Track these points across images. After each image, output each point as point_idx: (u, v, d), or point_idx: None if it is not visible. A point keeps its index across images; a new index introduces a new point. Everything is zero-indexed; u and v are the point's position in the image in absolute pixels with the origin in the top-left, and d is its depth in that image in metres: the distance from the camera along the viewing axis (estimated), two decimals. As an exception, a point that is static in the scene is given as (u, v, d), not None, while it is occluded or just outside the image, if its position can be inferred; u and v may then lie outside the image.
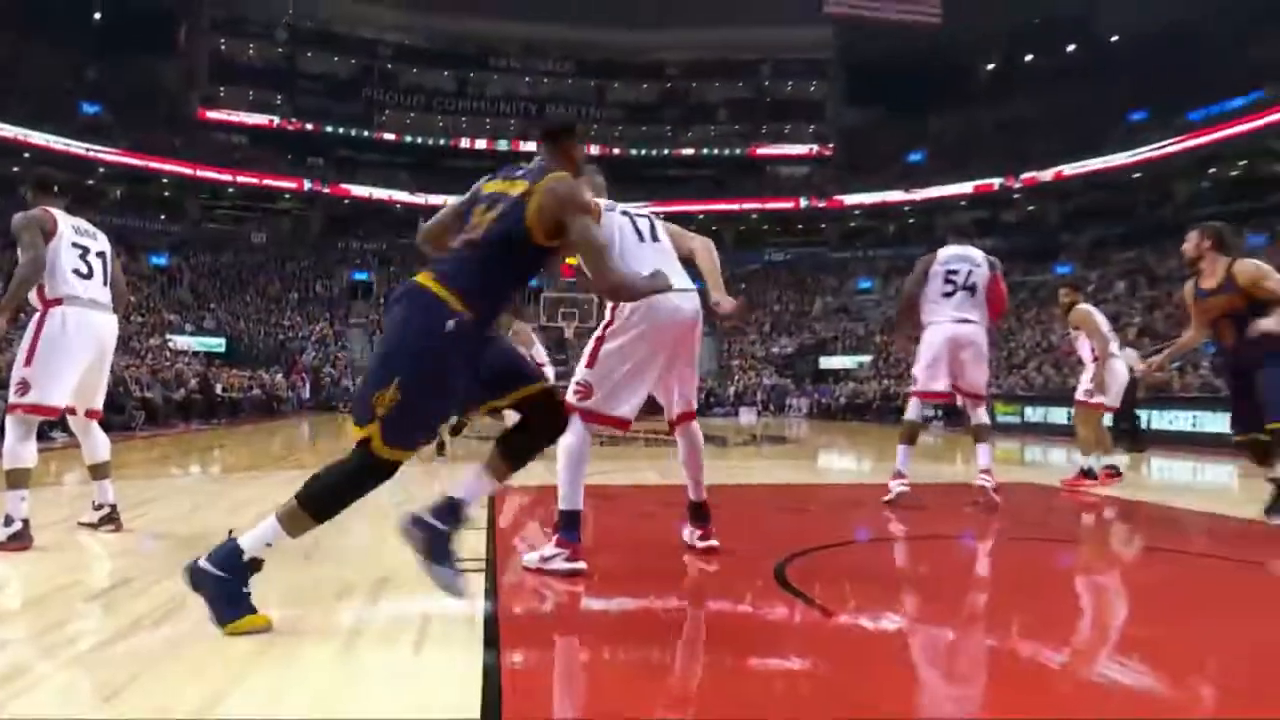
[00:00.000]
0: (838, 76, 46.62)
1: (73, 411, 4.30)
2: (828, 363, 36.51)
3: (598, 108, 47.83)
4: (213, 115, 42.71)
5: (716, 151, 46.72)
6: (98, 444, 4.41)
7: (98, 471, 4.37)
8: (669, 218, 3.95)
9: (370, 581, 3.33)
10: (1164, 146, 35.09)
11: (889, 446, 5.78)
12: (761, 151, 46.39)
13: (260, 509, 5.16)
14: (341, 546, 4.21)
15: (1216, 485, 8.37)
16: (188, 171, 39.62)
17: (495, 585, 3.33)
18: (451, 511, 2.65)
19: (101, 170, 37.66)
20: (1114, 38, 39.99)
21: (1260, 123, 32.34)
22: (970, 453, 5.60)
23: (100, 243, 4.38)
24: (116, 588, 3.21)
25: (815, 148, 46.45)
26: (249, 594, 2.54)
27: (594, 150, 46.24)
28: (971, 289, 5.42)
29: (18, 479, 3.91)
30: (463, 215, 2.85)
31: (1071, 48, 41.94)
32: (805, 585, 3.39)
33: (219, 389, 20.97)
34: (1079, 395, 7.22)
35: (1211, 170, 35.86)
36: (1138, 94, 37.34)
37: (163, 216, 40.20)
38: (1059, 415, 16.55)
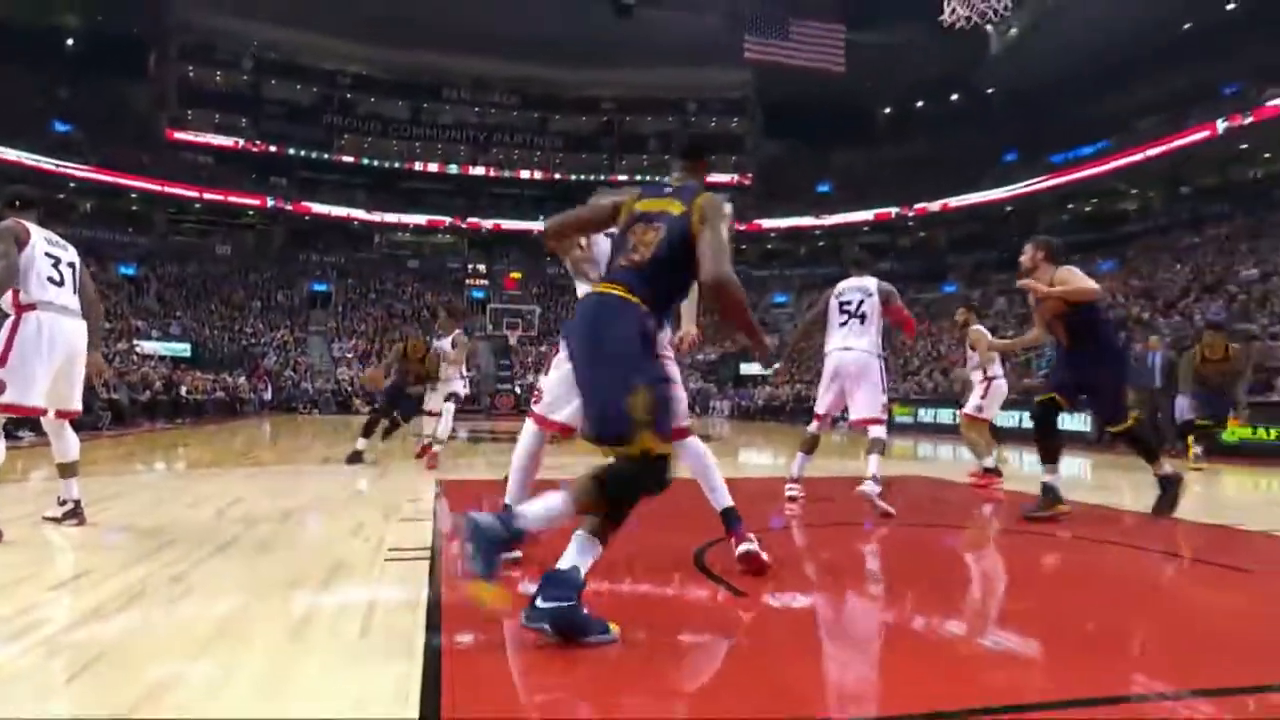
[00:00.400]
0: (755, 114, 47.22)
1: (44, 412, 4.11)
2: (747, 369, 36.77)
3: (540, 137, 47.62)
4: (180, 136, 41.26)
5: (649, 178, 46.74)
6: (68, 444, 4.24)
7: (66, 470, 4.21)
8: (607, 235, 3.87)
9: (322, 571, 3.24)
10: (1031, 184, 36.49)
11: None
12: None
13: (219, 503, 5.02)
14: (295, 539, 4.11)
15: (1069, 477, 8.62)
16: (155, 188, 38.21)
17: (438, 574, 3.26)
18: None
19: (72, 185, 36.11)
20: (990, 90, 41.28)
21: (1107, 167, 34.04)
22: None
23: (70, 254, 4.26)
24: (78, 578, 3.09)
25: (736, 177, 46.94)
26: (500, 563, 2.40)
27: (538, 175, 46.12)
28: (862, 317, 5.34)
29: None
30: (621, 231, 2.79)
31: (956, 97, 43.17)
32: (722, 569, 3.39)
33: (184, 391, 20.27)
34: (968, 410, 7.23)
35: (1070, 205, 37.36)
36: (1010, 139, 38.72)
37: (131, 229, 38.67)
38: (947, 416, 16.98)
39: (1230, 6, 31.65)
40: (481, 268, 43.75)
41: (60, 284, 4.09)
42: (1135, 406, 5.14)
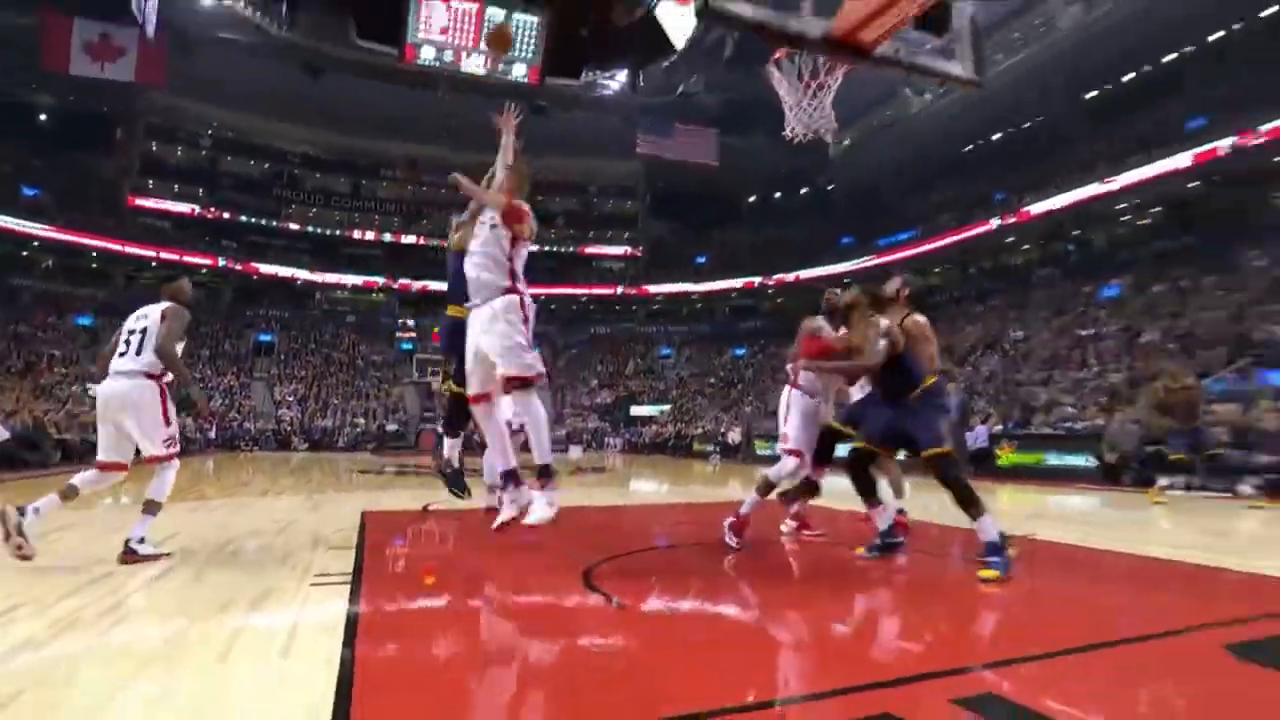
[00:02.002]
0: (646, 198, 48.29)
1: (119, 466, 4.16)
2: (637, 410, 37.14)
3: (463, 211, 47.09)
4: (141, 203, 38.96)
5: (557, 249, 47.01)
6: (154, 485, 4.19)
7: (144, 506, 4.17)
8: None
9: (251, 597, 3.16)
10: (863, 262, 38.27)
11: (681, 474, 5.79)
12: (589, 250, 47.20)
13: (161, 535, 4.81)
14: (228, 567, 3.96)
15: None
16: (116, 248, 35.97)
17: (359, 598, 3.18)
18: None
19: (35, 244, 33.63)
20: (831, 186, 43.59)
21: (918, 250, 36.17)
22: (747, 480, 5.44)
23: (143, 321, 4.21)
24: (15, 609, 2.87)
25: (629, 249, 47.74)
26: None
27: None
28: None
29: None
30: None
31: (805, 191, 45.38)
32: (606, 583, 3.41)
33: (135, 430, 18.91)
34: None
35: (892, 279, 39.55)
36: (847, 225, 40.82)
37: (91, 284, 36.13)
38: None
39: (996, 136, 34.76)
40: (411, 322, 42.67)
41: (123, 354, 4.09)
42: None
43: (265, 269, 40.48)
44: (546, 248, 47.05)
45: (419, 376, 33.87)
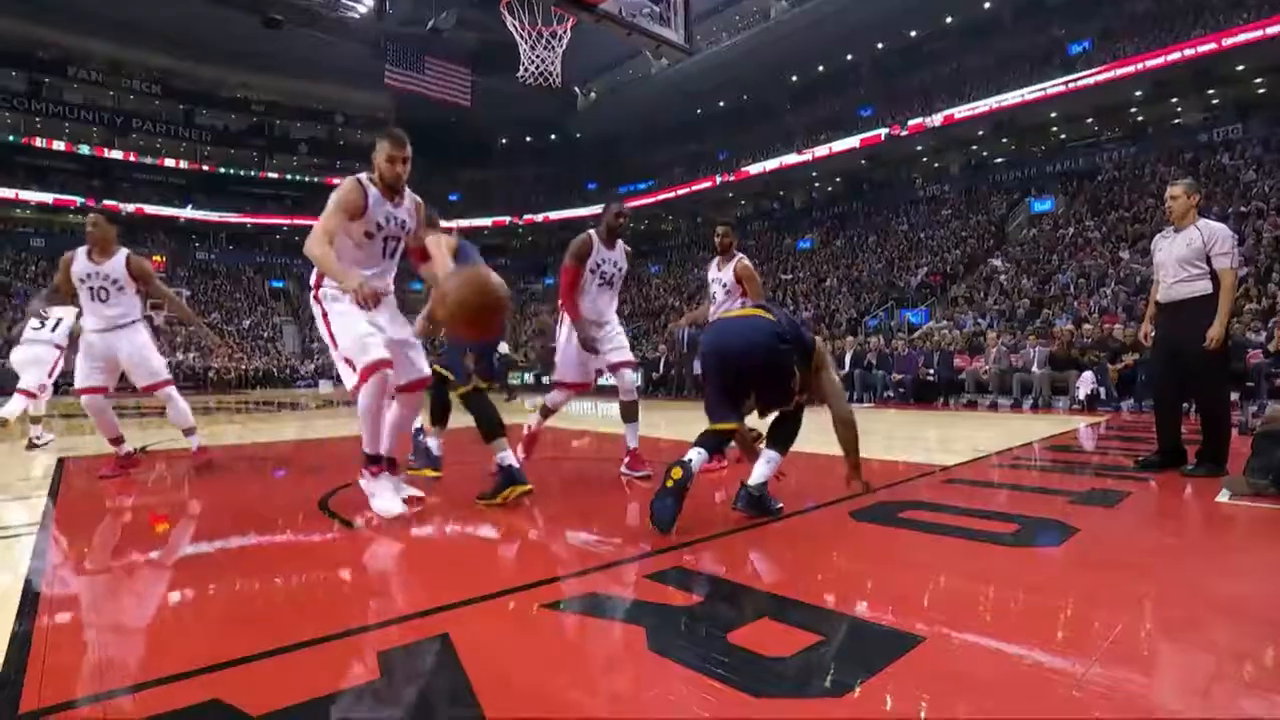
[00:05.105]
0: (396, 132, 44.62)
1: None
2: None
3: (187, 128, 39.86)
4: None
5: (298, 178, 41.89)
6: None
7: None
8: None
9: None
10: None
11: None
12: (335, 181, 42.45)
13: None
14: None
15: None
16: None
17: (47, 548, 2.73)
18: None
19: None
20: (578, 135, 43.80)
21: (654, 199, 38.19)
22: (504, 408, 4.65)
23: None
24: None
25: (379, 183, 44.02)
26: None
27: (184, 164, 38.75)
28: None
29: None
30: None
31: (554, 137, 45.07)
32: (342, 509, 3.31)
33: None
34: None
35: (631, 225, 41.30)
36: (591, 172, 41.59)
37: None
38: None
39: (721, 104, 37.40)
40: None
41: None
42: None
43: (-100, 176, 30.97)
44: (289, 175, 41.83)
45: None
